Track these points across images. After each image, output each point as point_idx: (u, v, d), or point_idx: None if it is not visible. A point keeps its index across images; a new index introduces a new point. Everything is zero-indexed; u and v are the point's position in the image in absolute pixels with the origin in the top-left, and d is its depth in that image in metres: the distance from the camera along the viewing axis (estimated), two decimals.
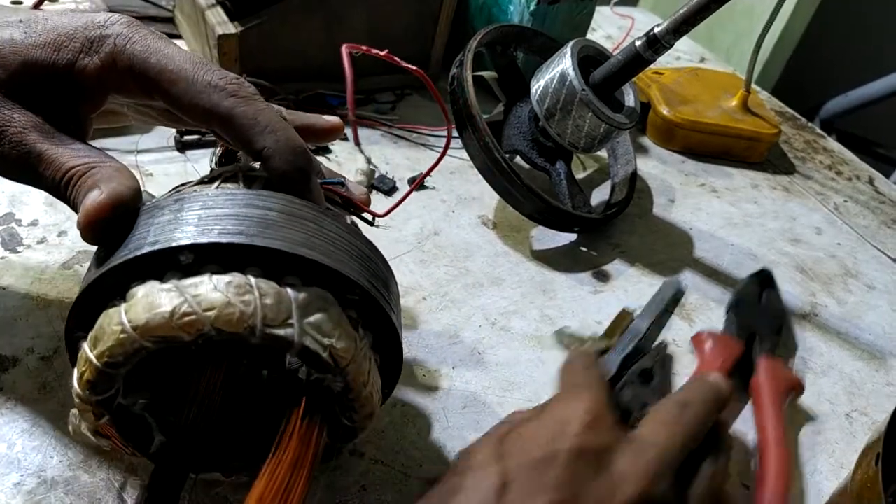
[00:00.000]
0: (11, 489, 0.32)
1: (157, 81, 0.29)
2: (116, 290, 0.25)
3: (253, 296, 0.24)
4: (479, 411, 0.41)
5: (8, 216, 0.47)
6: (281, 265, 0.25)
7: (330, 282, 0.26)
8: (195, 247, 0.24)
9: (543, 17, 0.65)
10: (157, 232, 0.25)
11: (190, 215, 0.25)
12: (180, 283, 0.24)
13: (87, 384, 0.25)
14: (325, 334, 0.25)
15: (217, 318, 0.23)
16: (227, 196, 0.26)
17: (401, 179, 0.58)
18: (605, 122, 0.52)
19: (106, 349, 0.24)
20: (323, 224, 0.27)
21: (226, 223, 0.25)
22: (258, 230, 0.25)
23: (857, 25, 1.65)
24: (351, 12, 0.62)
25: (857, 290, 0.58)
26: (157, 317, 0.23)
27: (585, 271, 0.53)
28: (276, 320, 0.24)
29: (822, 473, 0.42)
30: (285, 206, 0.26)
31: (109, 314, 0.25)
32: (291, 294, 0.25)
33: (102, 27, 0.29)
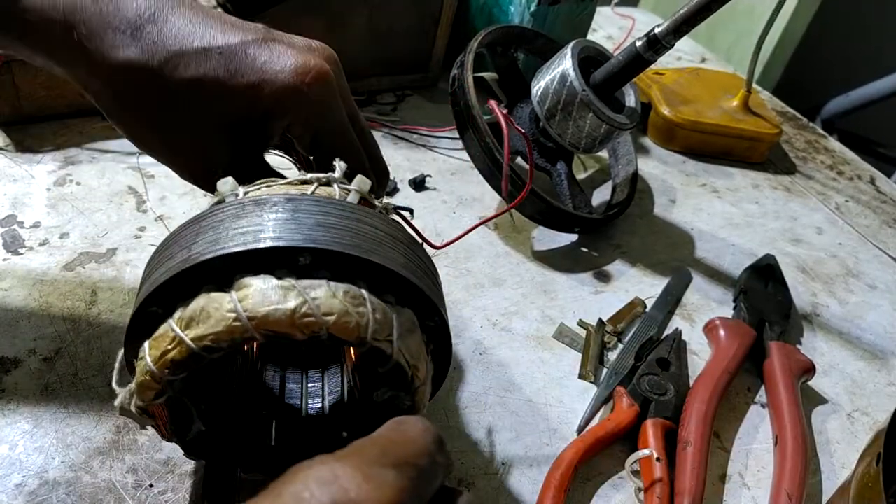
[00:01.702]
0: (13, 490, 0.32)
1: (331, 146, 0.32)
2: (217, 277, 0.25)
3: (366, 308, 0.25)
4: (481, 411, 0.41)
5: (10, 218, 0.47)
6: (381, 282, 0.26)
7: (416, 305, 0.27)
8: (317, 251, 0.25)
9: (544, 17, 0.66)
10: (277, 228, 0.25)
11: (308, 218, 0.26)
12: (299, 283, 0.24)
13: (169, 363, 0.25)
14: (412, 355, 0.26)
15: (335, 323, 0.24)
16: (338, 207, 0.27)
17: (402, 181, 0.58)
18: (606, 122, 0.52)
19: (211, 333, 0.24)
20: (415, 250, 0.28)
21: (343, 234, 0.26)
22: (370, 246, 0.26)
23: (857, 25, 1.65)
24: (352, 13, 0.62)
25: (859, 290, 0.58)
26: (278, 312, 0.24)
27: (586, 272, 0.53)
28: (381, 334, 0.25)
29: (823, 473, 0.42)
30: (386, 227, 0.27)
31: (215, 298, 0.24)
32: (393, 314, 0.26)
33: (305, 86, 0.30)
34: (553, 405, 0.42)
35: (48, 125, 0.55)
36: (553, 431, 0.41)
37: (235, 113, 0.31)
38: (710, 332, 0.48)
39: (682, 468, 0.38)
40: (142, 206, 0.50)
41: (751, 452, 0.42)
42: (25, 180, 0.50)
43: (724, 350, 0.46)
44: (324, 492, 0.17)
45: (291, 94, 0.30)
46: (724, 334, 0.47)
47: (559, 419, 0.41)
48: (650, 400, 0.41)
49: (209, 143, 0.32)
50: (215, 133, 0.32)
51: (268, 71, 0.30)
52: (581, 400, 0.43)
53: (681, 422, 0.41)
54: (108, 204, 0.50)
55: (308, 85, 0.30)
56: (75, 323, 0.40)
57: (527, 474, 0.38)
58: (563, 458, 0.37)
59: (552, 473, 0.37)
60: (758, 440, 0.43)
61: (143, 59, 0.29)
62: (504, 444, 0.39)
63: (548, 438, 0.40)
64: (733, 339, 0.46)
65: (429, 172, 0.59)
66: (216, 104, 0.31)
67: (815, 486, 0.41)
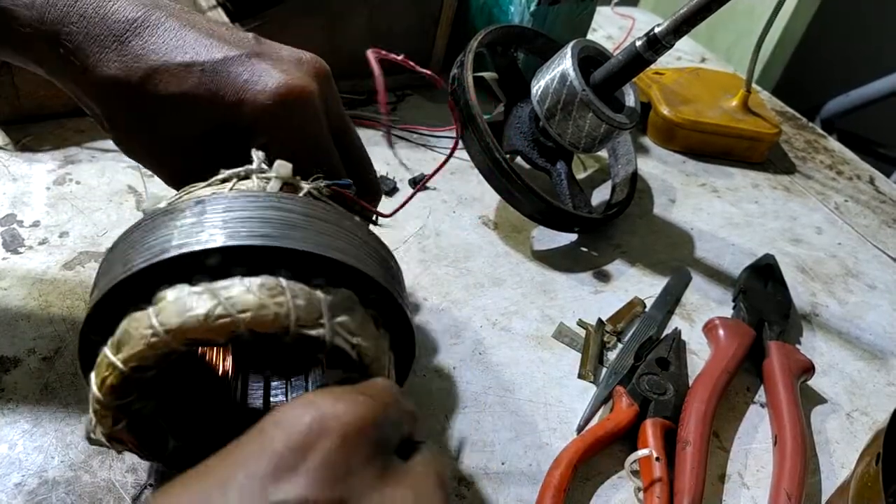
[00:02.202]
0: (13, 489, 0.32)
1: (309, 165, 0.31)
2: (139, 294, 0.25)
3: (285, 297, 0.24)
4: (480, 411, 0.41)
5: (9, 217, 0.47)
6: (306, 267, 0.25)
7: (353, 282, 0.27)
8: (224, 249, 0.24)
9: (544, 17, 0.66)
10: (183, 235, 0.25)
11: (215, 218, 0.25)
12: (212, 285, 0.24)
13: (109, 389, 0.25)
14: (352, 333, 0.25)
15: (252, 319, 0.24)
16: (248, 198, 0.26)
17: (401, 180, 0.58)
18: (606, 122, 0.52)
19: (135, 353, 0.24)
20: (343, 225, 0.27)
21: (251, 225, 0.25)
22: (283, 232, 0.25)
23: (857, 25, 1.65)
24: (352, 13, 0.62)
25: (858, 290, 0.58)
26: (191, 319, 0.23)
27: (586, 271, 0.53)
28: (308, 321, 0.24)
29: (822, 472, 0.42)
30: (305, 209, 0.27)
31: (136, 318, 0.24)
32: (321, 295, 0.25)
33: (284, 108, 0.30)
34: (552, 405, 0.42)
35: (48, 124, 0.55)
36: (552, 431, 0.41)
37: (216, 130, 0.31)
38: (710, 332, 0.48)
39: (682, 468, 0.38)
40: (141, 205, 0.50)
41: (750, 452, 0.42)
42: (25, 179, 0.50)
43: (723, 350, 0.46)
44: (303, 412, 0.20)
45: (269, 115, 0.30)
46: (723, 334, 0.47)
47: (559, 419, 0.41)
48: (649, 399, 0.41)
49: (191, 157, 0.32)
50: (196, 147, 0.32)
51: (248, 90, 0.30)
52: (580, 399, 0.43)
53: (680, 421, 0.41)
54: (108, 203, 0.50)
55: (287, 107, 0.30)
56: (75, 322, 0.40)
57: (526, 474, 0.38)
58: (562, 458, 0.37)
59: (552, 473, 0.37)
60: (757, 440, 0.43)
61: (125, 76, 0.29)
62: (503, 444, 0.39)
63: (547, 438, 0.40)
64: (733, 338, 0.46)
65: (428, 172, 0.59)
66: (196, 121, 0.31)
67: (814, 486, 0.41)
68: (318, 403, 0.21)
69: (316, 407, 0.21)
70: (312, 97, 0.31)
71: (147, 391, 0.26)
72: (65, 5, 0.29)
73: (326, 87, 0.33)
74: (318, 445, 0.20)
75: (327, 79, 0.33)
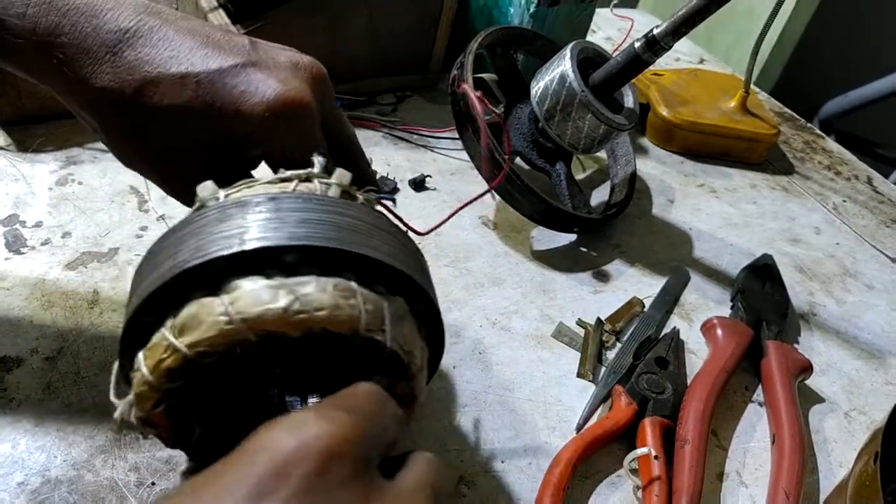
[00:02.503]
0: (15, 488, 0.32)
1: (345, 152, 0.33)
2: (206, 282, 0.25)
3: (357, 300, 0.25)
4: (480, 410, 0.41)
5: (12, 217, 0.47)
6: (369, 273, 0.26)
7: (405, 291, 0.27)
8: (302, 248, 0.25)
9: (543, 18, 0.66)
10: (261, 228, 0.25)
11: (291, 216, 0.26)
12: (287, 280, 0.24)
13: (165, 371, 0.25)
14: (407, 342, 0.26)
15: (327, 318, 0.24)
16: (318, 202, 0.27)
17: (402, 181, 0.59)
18: (605, 123, 0.52)
19: (204, 339, 0.24)
20: (398, 236, 0.28)
21: (326, 229, 0.26)
22: (353, 238, 0.26)
23: (856, 26, 1.65)
24: (352, 14, 0.62)
25: (856, 290, 0.58)
26: (270, 312, 0.24)
27: (585, 271, 0.53)
28: (374, 326, 0.25)
29: (820, 471, 0.42)
30: (368, 217, 0.27)
31: (206, 304, 0.24)
32: (384, 302, 0.26)
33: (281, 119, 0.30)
34: (552, 404, 0.42)
35: (50, 125, 0.55)
36: (552, 430, 0.41)
37: (212, 140, 0.31)
38: (708, 332, 0.48)
39: (680, 466, 0.38)
40: (143, 205, 0.51)
41: (748, 451, 0.42)
42: (27, 180, 0.50)
43: (721, 349, 0.46)
44: (284, 435, 0.20)
45: (266, 126, 0.30)
46: (721, 333, 0.47)
47: (558, 418, 0.42)
48: (648, 398, 0.42)
49: (187, 167, 0.32)
50: (193, 158, 0.31)
51: (244, 102, 0.30)
52: (580, 398, 0.43)
53: (679, 420, 0.41)
54: (110, 204, 0.50)
55: (284, 118, 0.30)
56: (77, 322, 0.41)
57: (526, 472, 0.38)
58: (561, 457, 0.37)
59: (551, 471, 0.37)
60: (755, 439, 0.43)
61: (119, 88, 0.29)
62: (503, 443, 0.39)
63: (546, 437, 0.40)
64: (731, 338, 0.47)
65: (429, 173, 0.60)
66: (192, 132, 0.30)
67: (812, 485, 0.41)
68: (299, 425, 0.21)
69: (298, 428, 0.20)
70: (309, 106, 0.31)
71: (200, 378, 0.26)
72: (57, 15, 0.29)
73: (323, 92, 0.33)
74: (298, 469, 0.20)
75: (324, 83, 0.33)
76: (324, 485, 0.20)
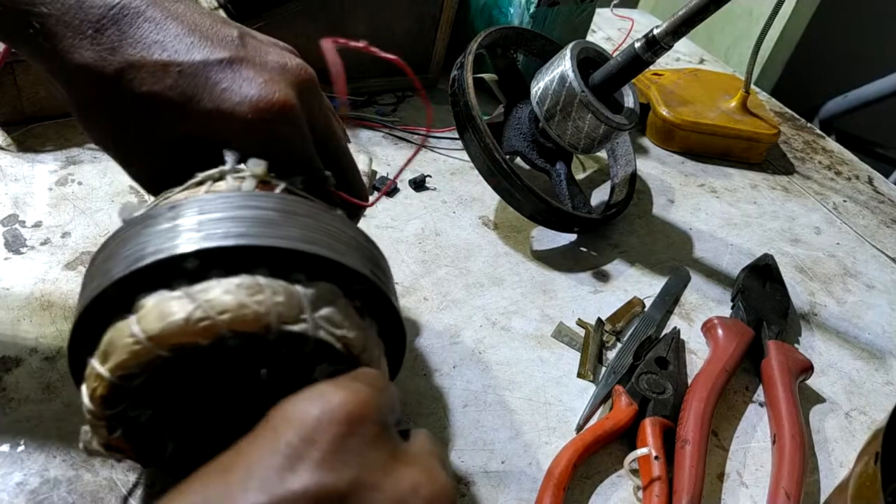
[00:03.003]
0: (14, 488, 0.32)
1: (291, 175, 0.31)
2: (120, 304, 0.25)
3: (264, 295, 0.24)
4: (480, 410, 0.41)
5: (12, 217, 0.47)
6: (285, 263, 0.25)
7: (333, 274, 0.26)
8: (200, 252, 0.24)
9: (543, 19, 0.66)
10: (158, 241, 0.25)
11: (189, 221, 0.25)
12: (190, 289, 0.24)
13: (99, 399, 0.25)
14: (336, 326, 0.25)
15: (232, 320, 0.23)
16: (222, 199, 0.26)
17: (402, 181, 0.59)
18: (605, 123, 0.52)
19: (119, 362, 0.24)
20: (320, 218, 0.27)
21: (227, 226, 0.25)
22: (260, 230, 0.25)
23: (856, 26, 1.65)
24: (352, 15, 0.62)
25: (857, 290, 0.58)
26: (171, 325, 0.23)
27: (585, 271, 0.53)
28: (289, 317, 0.24)
29: (821, 472, 0.42)
30: (281, 205, 0.27)
31: (119, 327, 0.24)
32: (301, 290, 0.25)
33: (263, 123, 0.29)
34: (552, 404, 0.42)
35: (50, 125, 0.55)
36: (552, 430, 0.41)
37: (189, 135, 0.30)
38: (709, 332, 0.48)
39: (681, 466, 0.38)
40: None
41: (749, 451, 0.42)
42: (27, 180, 0.50)
43: (722, 349, 0.46)
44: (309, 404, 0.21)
45: (247, 128, 0.29)
46: (722, 333, 0.47)
47: (558, 418, 0.42)
48: (649, 399, 0.42)
49: (160, 158, 0.31)
50: (167, 149, 0.30)
51: (226, 101, 0.28)
52: (580, 398, 0.43)
53: (679, 420, 0.41)
54: (110, 204, 0.50)
55: (266, 121, 0.29)
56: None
57: (526, 472, 0.38)
58: (561, 457, 0.37)
59: (551, 472, 0.37)
60: (756, 439, 0.43)
61: (99, 66, 0.28)
62: (503, 443, 0.39)
63: (547, 437, 0.40)
64: (731, 338, 0.47)
65: (429, 172, 0.59)
66: (168, 124, 0.29)
67: (813, 485, 0.41)
68: (322, 394, 0.22)
69: (321, 397, 0.22)
70: (293, 111, 0.30)
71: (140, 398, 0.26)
72: None
73: (310, 96, 0.32)
74: (326, 433, 0.21)
75: (312, 86, 0.32)
76: (353, 445, 0.21)
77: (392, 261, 0.50)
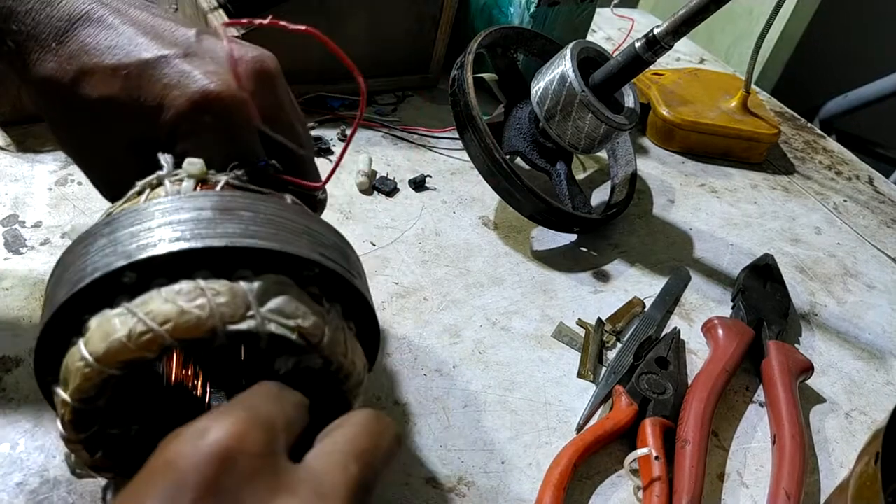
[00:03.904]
0: (14, 489, 0.32)
1: None
2: (73, 328, 0.24)
3: (205, 298, 0.23)
4: (480, 410, 0.41)
5: (11, 218, 0.47)
6: (229, 261, 0.25)
7: (282, 264, 0.26)
8: (134, 265, 0.24)
9: (543, 18, 0.66)
10: (95, 259, 0.24)
11: (124, 234, 0.25)
12: (130, 304, 0.23)
13: (69, 425, 0.25)
14: (288, 316, 0.25)
15: (175, 328, 0.23)
16: (155, 205, 0.25)
17: (402, 181, 0.59)
18: (605, 123, 0.52)
19: (75, 386, 0.24)
20: (259, 210, 0.26)
21: (161, 233, 0.24)
22: (197, 232, 0.24)
23: (856, 26, 1.65)
24: (352, 15, 0.62)
25: (857, 290, 0.58)
26: (114, 343, 0.23)
27: (586, 271, 0.53)
28: (234, 316, 0.24)
29: (821, 472, 0.42)
30: (217, 202, 0.26)
31: (71, 352, 0.24)
32: (245, 286, 0.24)
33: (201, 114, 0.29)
34: (552, 404, 0.42)
35: None
36: (552, 430, 0.41)
37: (139, 135, 0.30)
38: (709, 332, 0.48)
39: (681, 467, 0.38)
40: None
41: (749, 451, 0.42)
42: (27, 180, 0.50)
43: (722, 349, 0.46)
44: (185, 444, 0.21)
45: (187, 120, 0.29)
46: (722, 333, 0.47)
47: (558, 418, 0.42)
48: (649, 399, 0.41)
49: (118, 162, 0.31)
50: (123, 153, 0.31)
51: (167, 95, 0.28)
52: (580, 399, 0.43)
53: (679, 421, 0.41)
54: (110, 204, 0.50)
55: (206, 112, 0.28)
56: None
57: (526, 473, 0.38)
58: (562, 457, 0.37)
59: (551, 472, 0.37)
60: (756, 439, 0.43)
61: (58, 76, 0.28)
62: (503, 443, 0.39)
63: (547, 437, 0.40)
64: (731, 338, 0.47)
65: (429, 172, 0.59)
66: (120, 125, 0.30)
67: (813, 485, 0.41)
68: (198, 433, 0.21)
69: (196, 437, 0.21)
70: (236, 101, 0.29)
71: (114, 416, 0.26)
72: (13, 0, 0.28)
73: (267, 87, 0.31)
74: (199, 475, 0.20)
75: (269, 79, 0.31)
76: (227, 484, 0.20)
77: (392, 261, 0.50)
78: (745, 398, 0.46)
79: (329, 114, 0.63)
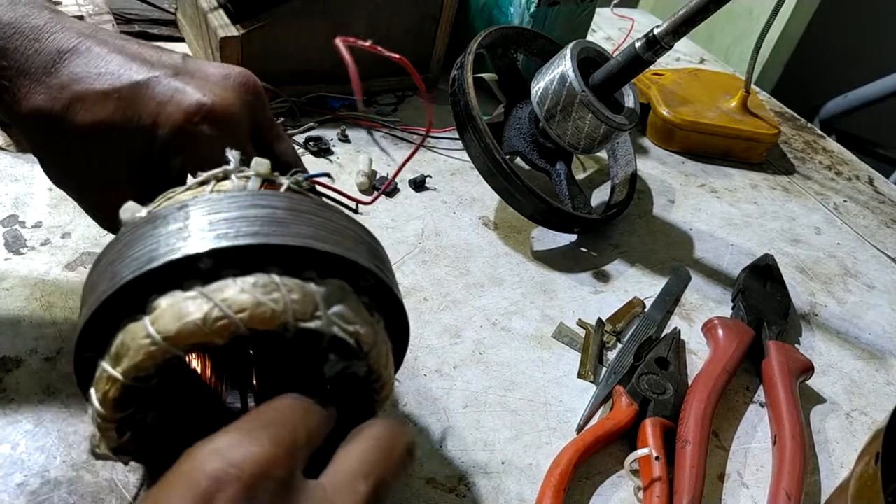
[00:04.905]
0: (15, 489, 0.32)
1: None
2: (130, 307, 0.25)
3: (280, 293, 0.24)
4: (480, 410, 0.41)
5: (12, 218, 0.47)
6: (296, 261, 0.26)
7: (343, 271, 0.27)
8: (214, 252, 0.24)
9: (543, 18, 0.66)
10: (171, 242, 0.25)
11: (200, 221, 0.25)
12: (205, 289, 0.24)
13: (112, 402, 0.25)
14: (349, 322, 0.26)
15: (250, 318, 0.24)
16: (231, 198, 0.26)
17: (402, 181, 0.59)
18: (605, 123, 0.52)
19: (134, 364, 0.24)
20: (325, 216, 0.27)
21: (238, 225, 0.25)
22: (270, 229, 0.25)
23: (856, 26, 1.65)
24: (352, 15, 0.62)
25: (857, 290, 0.58)
26: (188, 325, 0.23)
27: (586, 271, 0.53)
28: (305, 314, 0.25)
29: (821, 472, 0.42)
30: (290, 203, 0.27)
31: (131, 329, 0.24)
32: (314, 287, 0.25)
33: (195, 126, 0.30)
34: (552, 404, 0.42)
35: None
36: (552, 430, 0.41)
37: (135, 154, 0.31)
38: (709, 332, 0.48)
39: (681, 467, 0.38)
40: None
41: (749, 451, 0.42)
42: (27, 180, 0.50)
43: (722, 349, 0.46)
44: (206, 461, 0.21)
45: (182, 134, 0.30)
46: (722, 334, 0.47)
47: (558, 418, 0.42)
48: (649, 399, 0.41)
49: (114, 185, 0.32)
50: (120, 176, 0.31)
51: (161, 112, 0.30)
52: (580, 399, 0.43)
53: (679, 421, 0.41)
54: None
55: (201, 125, 0.30)
56: (77, 323, 0.41)
57: (526, 473, 0.38)
58: (562, 457, 0.37)
59: (551, 472, 0.37)
60: (756, 439, 0.43)
61: (49, 106, 0.29)
62: (503, 443, 0.39)
63: (547, 437, 0.40)
64: (732, 338, 0.47)
65: (429, 173, 0.59)
66: (116, 147, 0.31)
67: (813, 485, 0.41)
68: (220, 450, 0.21)
69: (218, 455, 0.21)
70: (232, 115, 0.31)
71: (148, 401, 0.26)
72: (2, 38, 0.29)
73: (254, 103, 0.32)
74: (225, 494, 0.20)
75: (255, 93, 0.33)
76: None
77: (392, 261, 0.50)
78: (746, 398, 0.46)
79: (329, 114, 0.63)
